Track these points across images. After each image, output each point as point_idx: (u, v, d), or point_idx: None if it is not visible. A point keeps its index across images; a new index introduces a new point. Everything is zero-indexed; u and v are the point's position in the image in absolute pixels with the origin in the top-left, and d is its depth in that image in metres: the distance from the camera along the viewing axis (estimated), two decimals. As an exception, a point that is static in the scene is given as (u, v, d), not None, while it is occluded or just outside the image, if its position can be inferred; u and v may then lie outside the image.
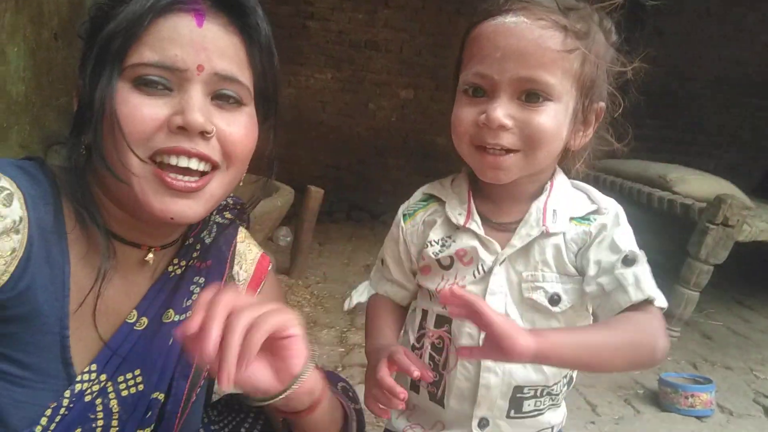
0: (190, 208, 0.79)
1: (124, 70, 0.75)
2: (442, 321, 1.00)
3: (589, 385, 2.52)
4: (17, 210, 0.73)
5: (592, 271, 0.91)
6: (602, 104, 0.95)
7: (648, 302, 0.86)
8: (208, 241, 0.97)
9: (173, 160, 0.77)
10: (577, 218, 0.96)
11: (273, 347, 0.74)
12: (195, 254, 0.95)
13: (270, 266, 1.06)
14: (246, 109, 0.84)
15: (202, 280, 0.94)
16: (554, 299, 0.94)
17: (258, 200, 1.01)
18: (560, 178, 1.00)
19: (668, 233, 3.30)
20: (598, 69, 0.91)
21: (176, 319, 0.90)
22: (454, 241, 0.98)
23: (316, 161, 5.73)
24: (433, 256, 1.00)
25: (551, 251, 0.94)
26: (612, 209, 0.96)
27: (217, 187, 0.82)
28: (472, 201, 1.00)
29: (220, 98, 0.80)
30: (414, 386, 1.04)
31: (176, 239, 0.93)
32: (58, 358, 0.79)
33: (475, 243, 0.96)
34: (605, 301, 0.89)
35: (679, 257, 3.04)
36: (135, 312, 0.87)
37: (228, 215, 1.01)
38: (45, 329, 0.77)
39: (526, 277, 0.94)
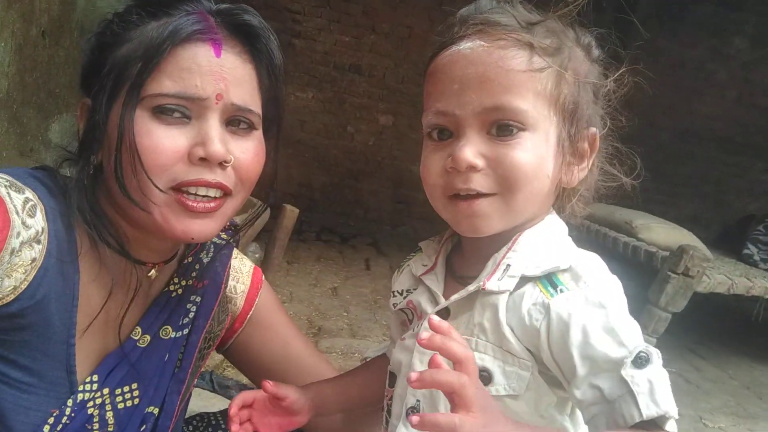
0: (208, 227, 0.82)
1: (143, 99, 0.76)
2: (392, 379, 0.89)
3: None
4: (40, 221, 0.75)
5: (581, 369, 0.68)
6: (594, 130, 0.81)
7: (659, 421, 0.64)
8: (206, 261, 0.99)
9: (193, 190, 0.79)
10: (537, 278, 0.75)
11: None
12: (194, 273, 0.97)
13: (263, 277, 1.12)
14: (256, 133, 0.86)
15: (198, 299, 0.97)
16: (483, 376, 0.73)
17: (253, 222, 1.04)
18: (542, 227, 0.82)
19: (631, 278, 3.39)
20: (581, 89, 0.78)
21: (173, 336, 0.93)
22: (410, 293, 0.89)
23: (289, 179, 5.74)
24: (392, 306, 0.91)
25: (489, 314, 0.76)
26: (596, 275, 0.74)
27: (229, 208, 0.85)
28: (442, 252, 0.88)
29: (234, 123, 0.83)
30: None
31: (175, 254, 0.95)
32: (63, 366, 0.81)
33: (424, 295, 0.85)
34: (606, 411, 0.67)
35: (639, 303, 3.13)
36: (139, 328, 0.90)
37: (224, 235, 1.03)
38: (54, 338, 0.79)
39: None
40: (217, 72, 0.79)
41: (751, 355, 4.11)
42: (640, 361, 0.66)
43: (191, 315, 0.95)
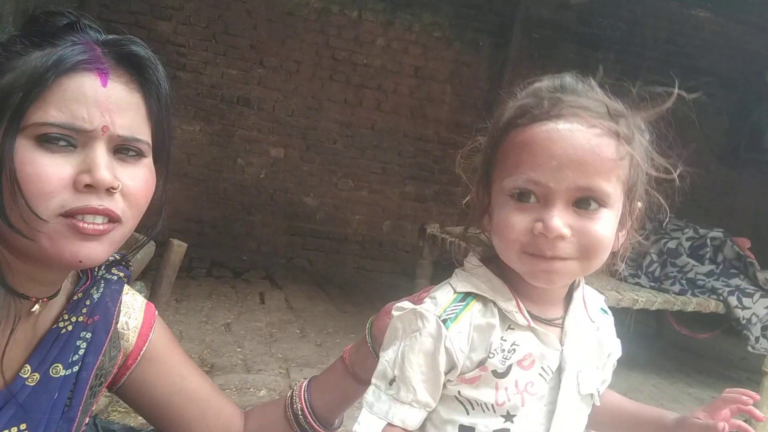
0: (96, 250, 0.81)
1: (27, 127, 0.75)
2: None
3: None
4: None
5: (614, 358, 1.04)
6: (640, 204, 0.94)
7: None
8: (96, 296, 0.97)
9: (80, 217, 0.78)
10: (602, 310, 1.04)
11: None
12: (84, 309, 0.95)
13: (156, 312, 1.09)
14: (146, 160, 0.86)
15: (88, 335, 0.94)
16: (598, 393, 0.98)
17: (138, 250, 1.02)
18: None
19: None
20: (639, 170, 0.90)
21: (64, 374, 0.89)
22: (517, 345, 0.91)
23: (177, 214, 5.56)
24: (500, 364, 0.90)
25: (595, 345, 0.98)
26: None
27: (118, 234, 0.84)
28: (517, 298, 0.93)
29: (123, 151, 0.83)
30: None
31: (59, 290, 0.92)
32: None
33: (536, 343, 0.91)
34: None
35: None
36: (28, 366, 0.86)
37: (116, 271, 1.01)
38: None
39: (580, 372, 0.94)
40: (104, 103, 0.79)
41: (624, 364, 4.41)
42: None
43: (81, 352, 0.92)
